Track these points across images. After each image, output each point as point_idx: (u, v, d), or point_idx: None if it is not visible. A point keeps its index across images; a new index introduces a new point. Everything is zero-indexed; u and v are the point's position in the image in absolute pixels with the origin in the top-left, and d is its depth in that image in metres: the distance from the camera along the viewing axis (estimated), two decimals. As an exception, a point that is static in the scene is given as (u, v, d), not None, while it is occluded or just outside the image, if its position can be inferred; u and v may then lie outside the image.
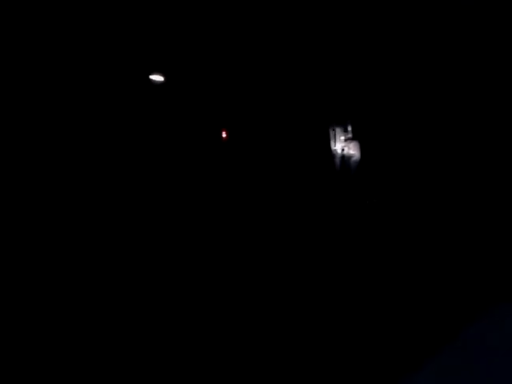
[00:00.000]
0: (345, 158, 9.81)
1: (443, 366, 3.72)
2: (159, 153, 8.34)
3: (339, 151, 9.67)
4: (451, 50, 8.41)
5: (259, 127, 8.01)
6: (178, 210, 8.44)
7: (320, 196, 9.42)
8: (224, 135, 7.28)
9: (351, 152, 9.78)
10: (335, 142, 9.65)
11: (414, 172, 9.15)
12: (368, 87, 9.70)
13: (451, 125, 8.68)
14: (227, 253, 7.87)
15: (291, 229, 8.38)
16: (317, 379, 4.23)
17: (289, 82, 8.49)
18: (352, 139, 9.81)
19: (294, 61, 8.62)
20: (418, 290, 5.94)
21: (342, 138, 9.69)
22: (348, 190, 9.47)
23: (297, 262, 7.57)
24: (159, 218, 8.24)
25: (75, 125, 7.48)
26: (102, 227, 7.70)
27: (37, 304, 5.85)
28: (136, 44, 7.77)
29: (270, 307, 5.86)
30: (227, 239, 8.32)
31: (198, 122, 7.91)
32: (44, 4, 7.27)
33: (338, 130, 9.71)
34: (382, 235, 8.52)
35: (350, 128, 9.87)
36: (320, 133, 9.43)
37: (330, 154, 9.66)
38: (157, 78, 8.25)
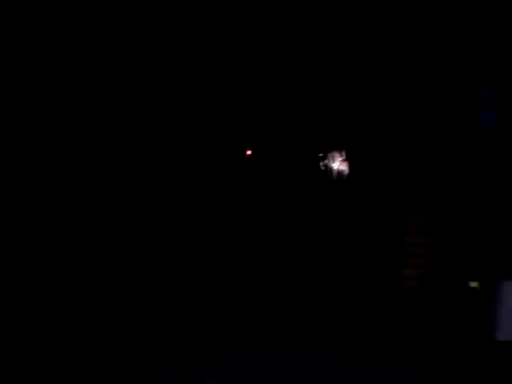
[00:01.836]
0: (339, 172, 15.56)
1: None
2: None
3: (336, 167, 15.61)
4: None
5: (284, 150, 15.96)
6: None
7: (318, 196, 15.32)
8: (249, 152, 15.01)
9: (343, 168, 15.49)
10: (334, 161, 15.70)
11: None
12: (356, 131, 14.90)
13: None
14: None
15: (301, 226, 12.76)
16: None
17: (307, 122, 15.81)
18: (345, 160, 15.38)
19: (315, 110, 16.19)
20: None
21: (339, 158, 15.53)
22: (340, 192, 15.74)
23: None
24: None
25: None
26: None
27: (36, 304, 5.75)
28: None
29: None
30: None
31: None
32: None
33: (337, 154, 15.61)
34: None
35: (344, 153, 15.38)
36: (323, 155, 15.81)
37: (330, 168, 15.72)
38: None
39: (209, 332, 5.90)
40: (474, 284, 6.11)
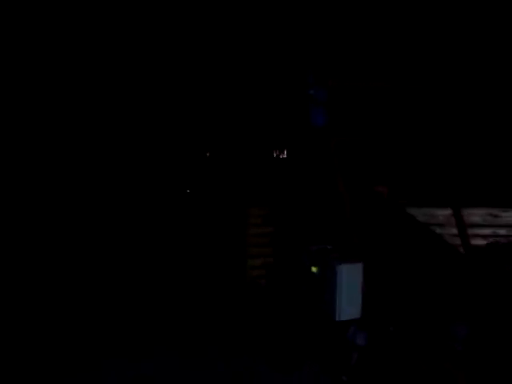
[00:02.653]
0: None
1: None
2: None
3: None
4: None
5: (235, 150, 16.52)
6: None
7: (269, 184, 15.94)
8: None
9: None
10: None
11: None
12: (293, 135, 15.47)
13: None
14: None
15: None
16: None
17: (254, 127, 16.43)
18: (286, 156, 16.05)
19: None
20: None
21: (281, 156, 16.20)
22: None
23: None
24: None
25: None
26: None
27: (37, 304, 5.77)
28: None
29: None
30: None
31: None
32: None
33: (279, 152, 16.28)
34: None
35: (285, 151, 16.05)
36: (270, 153, 16.43)
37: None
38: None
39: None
40: (314, 269, 6.62)
